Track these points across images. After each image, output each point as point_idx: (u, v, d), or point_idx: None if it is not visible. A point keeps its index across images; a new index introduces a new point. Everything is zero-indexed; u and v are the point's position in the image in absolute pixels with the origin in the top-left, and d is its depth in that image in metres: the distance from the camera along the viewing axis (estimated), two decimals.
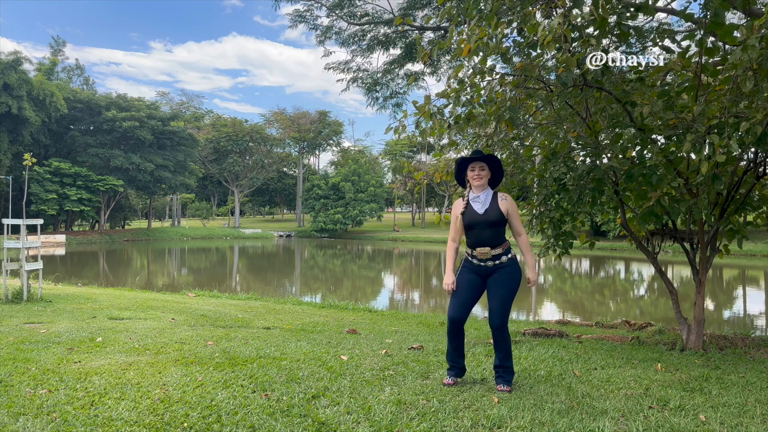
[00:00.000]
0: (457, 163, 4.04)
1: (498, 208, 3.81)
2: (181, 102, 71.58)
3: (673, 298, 6.02)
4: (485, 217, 3.80)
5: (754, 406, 3.56)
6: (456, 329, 3.88)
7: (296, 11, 12.04)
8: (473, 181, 3.88)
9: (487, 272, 3.85)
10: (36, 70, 46.47)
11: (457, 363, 3.97)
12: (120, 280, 21.06)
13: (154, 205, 64.73)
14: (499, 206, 3.82)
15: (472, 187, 3.91)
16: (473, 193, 3.90)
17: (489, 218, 3.79)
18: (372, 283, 22.54)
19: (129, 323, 6.59)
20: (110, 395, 3.50)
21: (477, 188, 3.89)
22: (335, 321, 7.94)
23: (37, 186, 42.90)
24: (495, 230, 3.80)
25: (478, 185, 3.87)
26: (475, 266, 3.87)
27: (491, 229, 3.80)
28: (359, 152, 75.55)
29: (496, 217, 3.79)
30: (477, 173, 3.86)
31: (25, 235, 8.50)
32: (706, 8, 4.40)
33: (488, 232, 3.80)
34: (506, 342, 3.84)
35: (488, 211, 3.81)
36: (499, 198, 3.86)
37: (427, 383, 3.93)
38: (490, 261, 3.81)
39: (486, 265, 3.82)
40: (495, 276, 3.82)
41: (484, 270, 3.85)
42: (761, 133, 4.15)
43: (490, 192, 3.90)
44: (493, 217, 3.79)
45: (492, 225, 3.79)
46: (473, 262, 3.87)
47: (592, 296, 17.92)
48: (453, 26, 5.03)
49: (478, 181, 3.86)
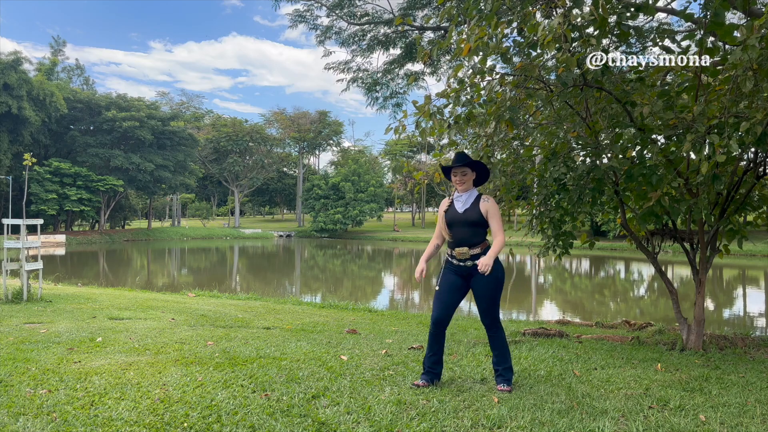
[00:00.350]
0: (443, 170, 4.18)
1: (478, 209, 3.90)
2: (181, 102, 71.65)
3: (673, 298, 6.02)
4: (464, 216, 3.90)
5: (754, 406, 3.56)
6: (438, 331, 3.90)
7: (296, 11, 12.04)
8: (456, 185, 4.01)
9: (468, 272, 3.88)
10: (36, 70, 46.49)
11: (434, 369, 3.94)
12: (120, 280, 21.06)
13: (154, 205, 64.74)
14: (480, 207, 3.90)
15: (457, 189, 4.04)
16: (457, 193, 4.03)
17: (468, 218, 3.89)
18: (372, 283, 22.54)
19: (129, 323, 6.59)
20: (110, 395, 3.50)
21: (461, 190, 4.02)
22: (335, 321, 7.94)
23: (37, 186, 42.90)
24: (474, 230, 3.88)
25: (462, 188, 4.00)
26: (455, 267, 3.92)
27: (470, 228, 3.88)
28: (359, 152, 75.55)
29: (474, 216, 3.88)
30: (459, 179, 3.99)
31: (25, 235, 8.50)
32: (706, 8, 4.40)
33: (467, 232, 3.88)
34: (501, 340, 3.89)
35: (467, 210, 3.91)
36: (481, 199, 3.95)
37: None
38: (468, 261, 3.86)
39: (465, 265, 3.87)
40: (477, 277, 3.84)
41: (464, 270, 3.89)
42: (761, 133, 4.15)
43: (474, 193, 4.00)
44: (472, 216, 3.88)
45: (471, 224, 3.88)
46: (453, 262, 3.94)
47: (592, 296, 17.92)
48: (453, 26, 5.03)
49: (461, 185, 3.99)
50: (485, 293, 3.84)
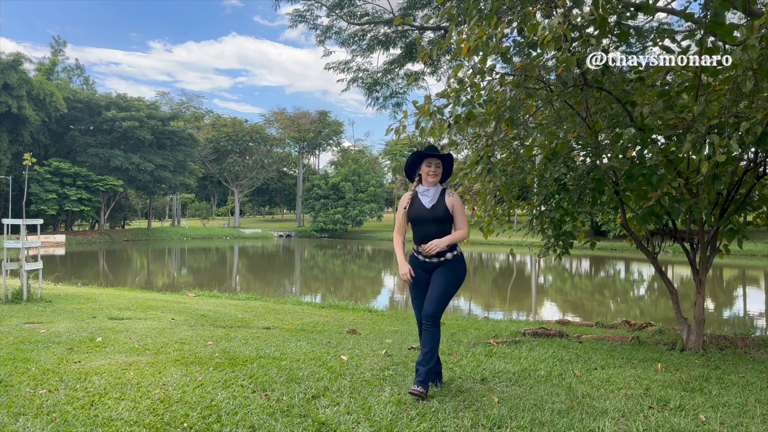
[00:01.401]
0: (413, 156, 3.99)
1: (444, 204, 3.80)
2: (181, 102, 71.60)
3: (673, 298, 6.02)
4: (431, 213, 3.79)
5: (754, 406, 3.56)
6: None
7: (296, 11, 12.05)
8: (428, 177, 3.87)
9: (433, 268, 3.82)
10: (36, 70, 46.46)
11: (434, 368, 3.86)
12: (120, 280, 21.06)
13: (154, 205, 64.73)
14: (446, 202, 3.81)
15: (425, 182, 3.89)
16: (422, 187, 3.90)
17: (435, 214, 3.79)
18: (372, 283, 22.53)
19: (129, 323, 6.59)
20: (110, 395, 3.50)
21: (430, 183, 3.88)
22: (335, 321, 7.94)
23: (37, 186, 42.89)
24: (440, 227, 3.79)
25: (433, 181, 3.88)
26: (421, 262, 3.84)
27: (436, 225, 3.79)
28: (359, 152, 75.58)
29: (441, 212, 3.79)
30: (433, 170, 3.86)
31: (25, 235, 8.50)
32: (706, 8, 4.40)
33: (433, 228, 3.79)
34: (435, 336, 3.70)
35: (435, 206, 3.81)
36: (446, 194, 3.86)
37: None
38: (435, 258, 3.79)
39: (431, 261, 3.80)
40: (438, 270, 3.79)
41: (429, 266, 3.82)
42: (761, 133, 4.15)
43: (440, 188, 3.90)
44: (439, 213, 3.79)
45: (437, 221, 3.79)
46: (419, 258, 3.85)
47: (592, 296, 17.92)
48: (453, 26, 5.03)
49: (433, 177, 3.86)
50: (441, 282, 3.71)
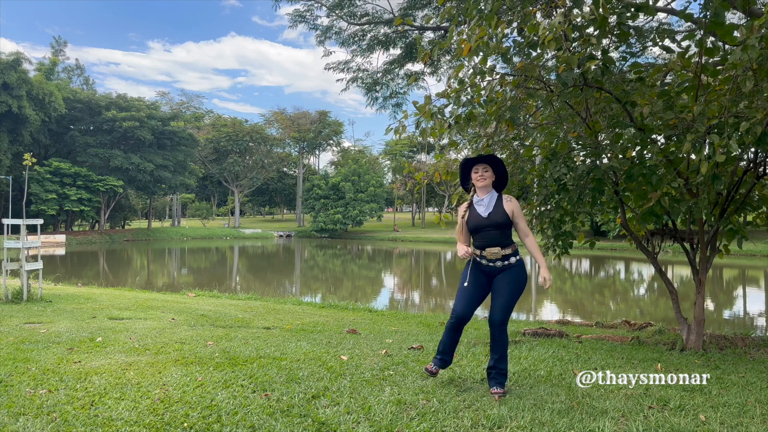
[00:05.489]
0: (462, 165, 4.01)
1: (503, 210, 3.77)
2: (181, 102, 71.52)
3: (673, 298, 6.02)
4: (490, 220, 3.76)
5: (754, 406, 3.56)
6: (458, 326, 3.86)
7: (296, 11, 12.05)
8: (477, 182, 3.84)
9: (495, 272, 3.81)
10: (36, 70, 46.43)
11: (448, 356, 3.98)
12: (120, 280, 21.05)
13: (154, 205, 64.72)
14: (504, 208, 3.78)
15: (476, 189, 3.87)
16: (477, 197, 3.87)
17: (494, 221, 3.75)
18: (372, 283, 22.53)
19: (129, 323, 6.59)
20: (110, 395, 3.50)
21: (481, 190, 3.85)
22: (335, 321, 7.94)
23: (37, 186, 42.88)
24: (502, 232, 3.77)
25: (482, 186, 3.83)
26: (484, 266, 3.83)
27: (498, 231, 3.77)
28: (359, 152, 75.49)
29: (501, 219, 3.75)
30: (480, 174, 3.83)
31: (25, 235, 8.50)
32: (706, 8, 4.40)
33: (495, 234, 3.77)
34: (504, 343, 3.79)
35: (492, 214, 3.77)
36: (504, 200, 3.82)
37: (427, 383, 3.93)
38: (499, 261, 3.77)
39: (495, 265, 3.79)
40: (501, 276, 3.78)
41: (492, 270, 3.81)
42: (761, 133, 4.15)
43: (495, 194, 3.85)
44: (499, 219, 3.75)
45: (498, 227, 3.76)
46: (482, 263, 3.83)
47: (592, 296, 17.92)
48: (453, 26, 5.03)
49: (482, 181, 3.82)
50: (507, 290, 3.73)
